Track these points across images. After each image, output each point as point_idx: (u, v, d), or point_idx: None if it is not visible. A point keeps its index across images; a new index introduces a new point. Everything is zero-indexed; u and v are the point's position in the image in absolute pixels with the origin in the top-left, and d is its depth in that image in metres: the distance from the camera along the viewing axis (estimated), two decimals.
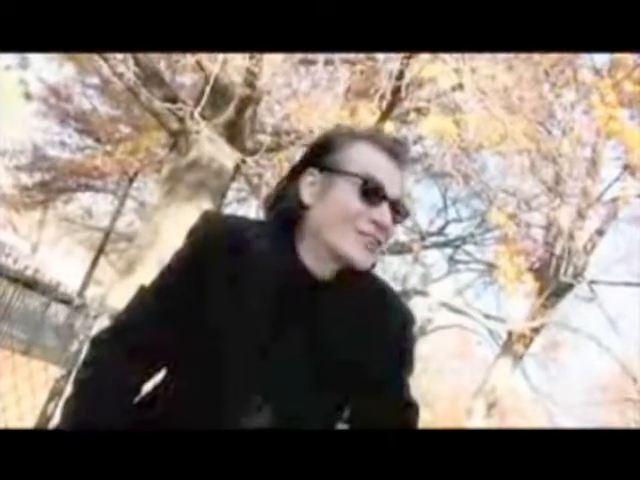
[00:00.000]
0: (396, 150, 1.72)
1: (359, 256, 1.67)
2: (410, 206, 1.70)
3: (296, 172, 1.76)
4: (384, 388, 1.75)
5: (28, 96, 22.46)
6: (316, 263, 1.70)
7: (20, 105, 23.64)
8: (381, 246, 1.71)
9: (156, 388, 1.78)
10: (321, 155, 1.74)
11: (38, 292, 10.82)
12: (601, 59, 11.29)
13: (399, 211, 1.72)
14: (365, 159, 1.69)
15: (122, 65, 10.60)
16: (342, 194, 1.68)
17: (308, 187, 1.72)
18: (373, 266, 1.75)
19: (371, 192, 1.67)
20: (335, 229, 1.67)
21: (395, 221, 1.71)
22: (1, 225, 27.88)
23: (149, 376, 1.80)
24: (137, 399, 1.78)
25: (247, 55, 9.15)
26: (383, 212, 1.67)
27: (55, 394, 4.52)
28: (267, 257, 1.69)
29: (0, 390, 4.69)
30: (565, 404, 21.24)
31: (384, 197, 1.67)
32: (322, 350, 1.67)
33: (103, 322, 4.78)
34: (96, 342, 1.80)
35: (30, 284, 10.11)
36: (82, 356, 4.50)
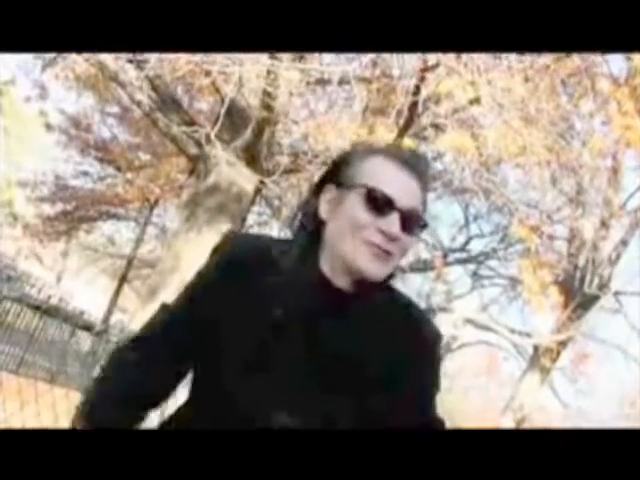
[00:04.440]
0: (412, 161, 1.71)
1: (368, 265, 1.65)
2: (431, 223, 1.65)
3: (317, 189, 1.77)
4: (411, 406, 1.72)
5: (48, 127, 22.72)
6: (335, 276, 1.69)
7: (41, 136, 23.90)
8: (393, 257, 1.68)
9: (179, 408, 1.79)
10: (338, 172, 1.74)
11: (62, 321, 10.90)
12: (618, 66, 11.23)
13: (413, 222, 1.69)
14: (374, 171, 1.69)
15: (140, 92, 10.68)
16: (350, 206, 1.68)
17: (326, 204, 1.73)
18: (390, 278, 1.73)
19: (377, 202, 1.66)
20: (345, 241, 1.66)
21: (410, 232, 1.68)
22: (25, 256, 28.09)
23: (169, 391, 1.82)
24: (160, 422, 1.80)
25: (263, 76, 9.18)
26: (391, 222, 1.65)
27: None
28: (291, 273, 1.69)
29: (23, 417, 4.70)
30: (595, 417, 21.02)
31: (393, 207, 1.65)
32: (346, 365, 1.66)
33: None
34: (114, 354, 1.84)
35: (54, 313, 10.19)
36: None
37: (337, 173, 1.74)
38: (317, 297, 1.68)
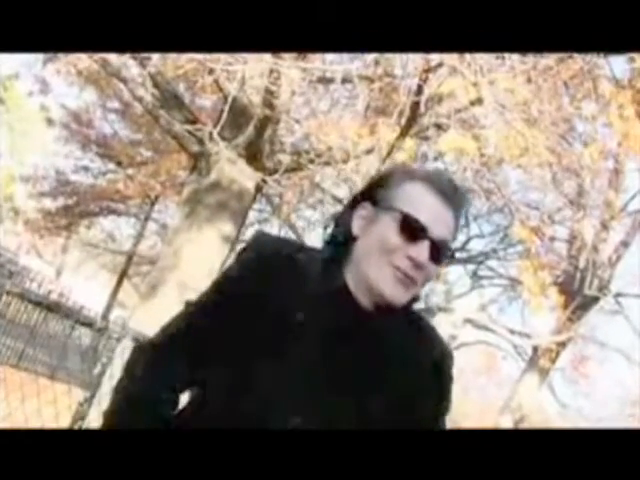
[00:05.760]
0: (450, 191, 1.72)
1: (390, 290, 1.67)
2: None
3: (352, 203, 1.79)
4: (420, 424, 1.74)
5: (50, 122, 22.73)
6: (357, 292, 1.71)
7: (42, 131, 23.92)
8: (416, 285, 1.70)
9: (192, 402, 1.78)
10: (375, 190, 1.76)
11: (62, 316, 10.91)
12: (621, 68, 11.22)
13: (442, 252, 1.71)
14: (412, 197, 1.70)
15: (142, 89, 10.68)
16: (383, 228, 1.69)
17: (359, 220, 1.74)
18: (413, 302, 1.75)
19: (410, 228, 1.67)
20: (372, 261, 1.68)
21: (437, 262, 1.70)
22: (26, 250, 28.10)
23: (187, 387, 1.80)
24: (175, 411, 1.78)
25: (265, 74, 9.18)
26: (420, 250, 1.67)
27: (78, 418, 4.51)
28: (316, 280, 1.71)
29: (25, 413, 4.70)
30: (594, 418, 21.02)
31: (425, 236, 1.67)
32: (357, 376, 1.68)
33: (126, 344, 4.78)
34: (137, 352, 1.84)
35: (54, 308, 10.19)
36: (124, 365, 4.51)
37: (374, 192, 1.76)
38: (339, 307, 1.70)
